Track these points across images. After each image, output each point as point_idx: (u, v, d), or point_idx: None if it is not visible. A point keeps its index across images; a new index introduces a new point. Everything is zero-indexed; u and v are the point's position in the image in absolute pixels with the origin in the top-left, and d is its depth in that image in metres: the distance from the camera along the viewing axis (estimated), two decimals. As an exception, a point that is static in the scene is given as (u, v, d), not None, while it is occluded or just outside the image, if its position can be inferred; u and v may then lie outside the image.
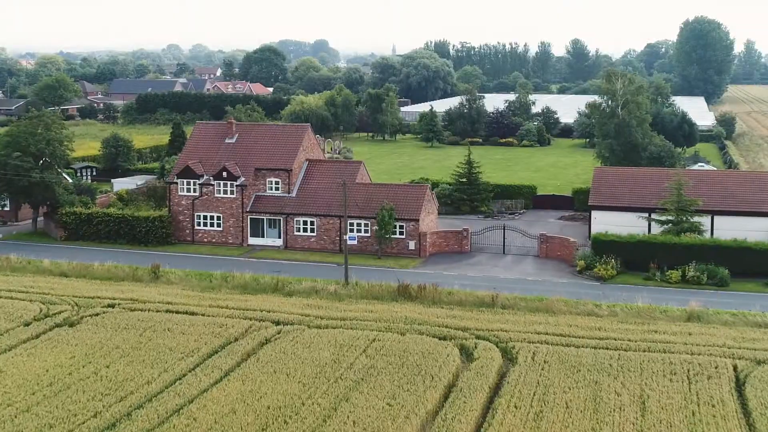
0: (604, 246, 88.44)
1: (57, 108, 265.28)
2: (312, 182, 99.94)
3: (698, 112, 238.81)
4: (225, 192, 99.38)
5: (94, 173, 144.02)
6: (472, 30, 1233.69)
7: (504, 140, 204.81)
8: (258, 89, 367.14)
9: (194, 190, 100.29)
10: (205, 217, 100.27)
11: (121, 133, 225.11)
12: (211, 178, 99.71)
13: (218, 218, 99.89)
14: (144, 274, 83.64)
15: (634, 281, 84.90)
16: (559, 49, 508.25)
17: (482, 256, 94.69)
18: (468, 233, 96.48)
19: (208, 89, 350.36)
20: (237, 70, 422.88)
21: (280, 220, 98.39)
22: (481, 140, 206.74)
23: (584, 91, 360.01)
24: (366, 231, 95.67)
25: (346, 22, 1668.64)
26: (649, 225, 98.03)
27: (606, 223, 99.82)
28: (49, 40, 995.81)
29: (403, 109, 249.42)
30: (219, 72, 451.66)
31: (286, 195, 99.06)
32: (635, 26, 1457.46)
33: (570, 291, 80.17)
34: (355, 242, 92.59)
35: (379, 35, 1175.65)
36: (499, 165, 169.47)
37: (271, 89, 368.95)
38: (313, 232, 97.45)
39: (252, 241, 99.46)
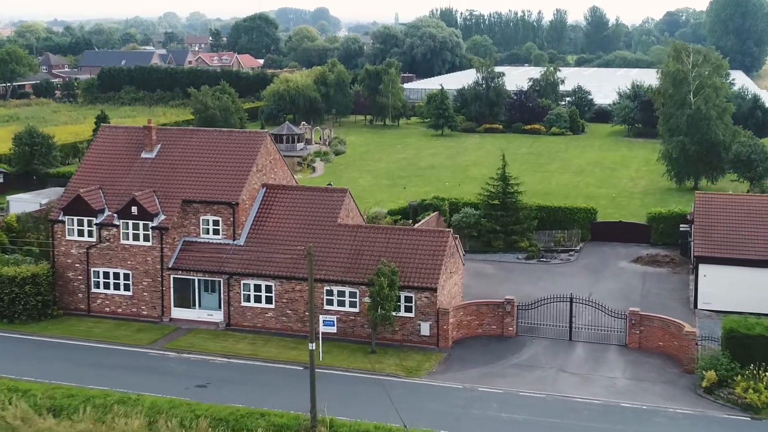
0: (745, 346, 53.04)
1: (8, 85, 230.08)
2: (270, 222, 64.75)
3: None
4: (135, 237, 64.25)
5: (1, 180, 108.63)
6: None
7: (529, 127, 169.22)
8: (247, 61, 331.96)
9: (90, 234, 65.16)
10: (106, 275, 65.24)
11: (61, 115, 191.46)
12: (114, 215, 64.53)
13: (126, 277, 64.80)
14: (-37, 404, 48.57)
15: (809, 414, 49.79)
16: (573, 17, 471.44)
17: (536, 347, 59.49)
18: (513, 307, 61.18)
19: (189, 62, 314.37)
20: (225, 39, 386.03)
21: (219, 282, 63.27)
22: (501, 127, 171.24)
23: (607, 64, 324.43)
24: (353, 304, 60.61)
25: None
26: (792, 290, 63.25)
27: (720, 283, 65.03)
28: (45, 8, 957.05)
29: (407, 85, 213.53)
30: (210, 42, 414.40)
31: (230, 242, 63.94)
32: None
33: (709, 446, 45.30)
34: (333, 329, 57.46)
35: (382, 2, 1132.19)
36: (527, 163, 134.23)
37: (261, 61, 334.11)
38: (271, 302, 62.33)
39: (177, 313, 64.38)
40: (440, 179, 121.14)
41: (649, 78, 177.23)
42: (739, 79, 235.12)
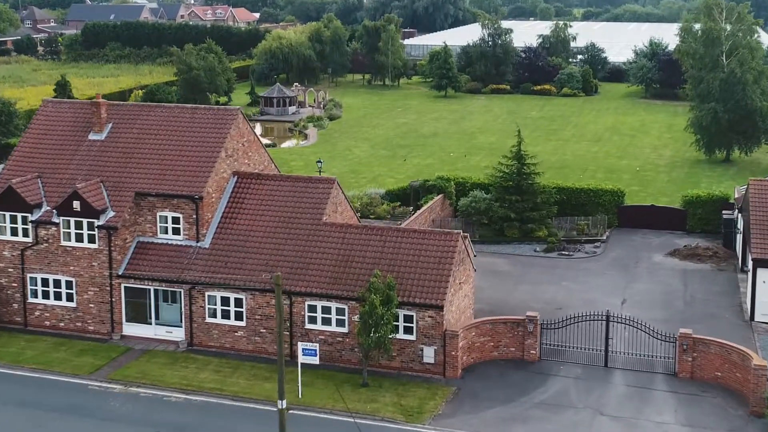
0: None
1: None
2: (242, 219, 53.61)
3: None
4: (79, 238, 53.16)
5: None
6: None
7: (539, 88, 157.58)
8: (242, 15, 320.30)
9: (25, 233, 54.08)
10: (44, 283, 54.20)
11: (58, 73, 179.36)
12: (53, 211, 53.40)
13: (68, 285, 53.79)
14: None
15: None
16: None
17: (565, 377, 48.54)
18: (535, 326, 50.15)
19: (182, 16, 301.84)
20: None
21: (180, 292, 52.26)
22: (509, 87, 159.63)
23: (617, 18, 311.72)
24: (341, 323, 49.65)
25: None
26: None
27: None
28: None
29: (408, 41, 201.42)
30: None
31: (193, 244, 52.84)
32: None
33: None
34: (315, 360, 46.42)
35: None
36: (539, 129, 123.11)
37: (257, 15, 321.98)
38: (241, 319, 51.33)
39: (130, 329, 53.45)
40: (444, 149, 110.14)
41: (665, 34, 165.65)
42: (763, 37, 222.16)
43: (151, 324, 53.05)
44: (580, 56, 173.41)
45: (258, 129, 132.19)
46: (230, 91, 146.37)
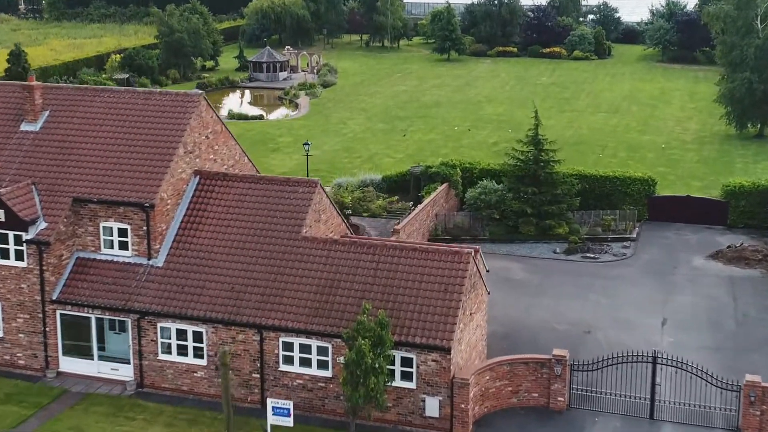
0: None
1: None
2: (203, 231, 43.80)
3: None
4: (3, 254, 43.49)
5: None
6: None
7: (548, 50, 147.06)
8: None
9: (-60, 247, 44.52)
10: (-35, 308, 44.68)
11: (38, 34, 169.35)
12: (-26, 220, 43.78)
13: (-7, 311, 44.38)
14: None
15: None
16: None
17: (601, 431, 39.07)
18: (564, 368, 40.48)
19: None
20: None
21: (126, 322, 42.60)
22: (516, 50, 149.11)
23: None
24: (324, 365, 40.02)
25: None
26: None
27: None
28: None
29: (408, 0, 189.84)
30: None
31: (144, 262, 43.08)
32: None
33: None
34: (289, 422, 36.66)
35: None
36: (550, 98, 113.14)
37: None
38: (201, 356, 41.69)
39: (68, 364, 43.95)
40: (447, 121, 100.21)
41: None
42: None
43: (93, 359, 43.45)
44: (591, 16, 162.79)
45: (247, 96, 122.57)
46: (217, 55, 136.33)
